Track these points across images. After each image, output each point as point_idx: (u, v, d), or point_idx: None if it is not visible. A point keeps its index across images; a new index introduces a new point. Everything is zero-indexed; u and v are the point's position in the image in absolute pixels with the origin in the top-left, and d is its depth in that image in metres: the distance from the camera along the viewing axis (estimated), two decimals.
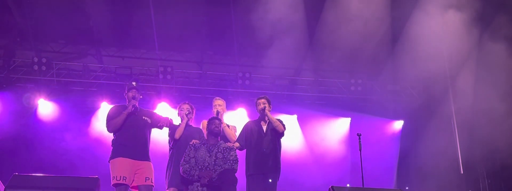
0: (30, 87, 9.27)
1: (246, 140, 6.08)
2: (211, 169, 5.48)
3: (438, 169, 9.19)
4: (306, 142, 9.94)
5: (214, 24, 9.05)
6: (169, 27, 8.88)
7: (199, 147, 5.58)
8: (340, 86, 10.21)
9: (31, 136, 8.90)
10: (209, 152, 5.55)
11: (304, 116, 9.96)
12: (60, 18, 8.68)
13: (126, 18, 8.93)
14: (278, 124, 6.04)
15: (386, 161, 9.95)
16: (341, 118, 10.17)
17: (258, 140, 6.03)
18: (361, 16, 8.30)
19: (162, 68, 9.47)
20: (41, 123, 9.07)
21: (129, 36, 9.35)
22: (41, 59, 9.07)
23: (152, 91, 9.61)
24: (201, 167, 5.47)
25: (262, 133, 6.08)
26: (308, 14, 8.56)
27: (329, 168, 9.74)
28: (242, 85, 9.73)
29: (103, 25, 9.00)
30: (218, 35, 9.36)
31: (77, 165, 8.70)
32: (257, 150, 5.99)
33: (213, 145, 5.59)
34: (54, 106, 9.20)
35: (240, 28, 8.84)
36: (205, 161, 5.50)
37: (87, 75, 9.47)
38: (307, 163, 9.77)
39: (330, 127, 10.10)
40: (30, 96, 9.10)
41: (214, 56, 10.11)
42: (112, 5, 8.59)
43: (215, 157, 5.53)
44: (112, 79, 9.53)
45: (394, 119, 10.28)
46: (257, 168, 5.93)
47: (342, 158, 9.84)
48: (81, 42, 9.54)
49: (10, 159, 8.40)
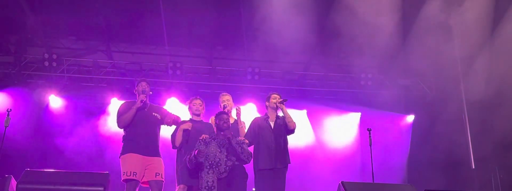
0: (41, 83, 9.34)
1: (254, 136, 6.09)
2: (222, 165, 5.48)
3: (449, 164, 9.12)
4: (316, 137, 9.91)
5: (223, 19, 9.03)
6: (178, 22, 8.88)
7: (210, 142, 5.57)
8: (350, 81, 10.15)
9: (42, 131, 8.97)
10: (220, 148, 5.55)
11: (313, 111, 9.92)
12: (70, 14, 8.73)
13: (135, 14, 8.95)
14: (291, 120, 6.06)
15: (397, 156, 9.88)
16: (351, 113, 10.12)
17: (267, 136, 6.04)
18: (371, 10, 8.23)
19: (171, 63, 9.48)
20: (52, 119, 9.14)
21: (139, 32, 9.37)
22: (52, 55, 9.14)
23: (161, 87, 9.64)
24: (212, 163, 5.47)
25: (270, 129, 6.09)
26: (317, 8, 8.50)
27: (339, 163, 9.71)
28: (251, 80, 9.72)
29: (113, 21, 9.03)
30: (227, 30, 9.35)
31: (88, 160, 8.76)
32: (265, 145, 6.01)
33: (224, 140, 5.59)
34: (65, 102, 9.27)
35: (250, 23, 8.81)
36: (216, 156, 5.50)
37: (97, 71, 9.51)
38: (317, 158, 9.74)
39: (340, 122, 10.05)
40: (41, 92, 9.16)
41: (223, 51, 10.10)
42: (122, 1, 8.61)
43: (226, 152, 5.54)
44: (122, 75, 9.57)
45: (404, 113, 10.21)
46: (266, 164, 5.95)
47: (352, 153, 9.80)
48: (91, 38, 9.59)
49: (22, 154, 8.48)
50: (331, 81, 10.20)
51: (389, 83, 10.08)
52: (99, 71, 9.55)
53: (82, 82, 9.54)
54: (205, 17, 8.88)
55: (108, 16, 8.83)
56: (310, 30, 8.53)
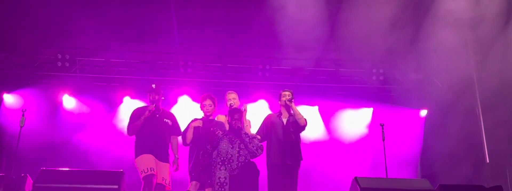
0: (54, 83, 9.43)
1: (266, 132, 6.14)
2: (234, 161, 5.50)
3: (463, 158, 9.04)
4: (328, 133, 9.88)
5: (234, 16, 9.03)
6: (189, 20, 8.90)
7: (221, 139, 5.60)
8: (362, 76, 10.10)
9: (56, 131, 9.06)
10: (231, 144, 5.57)
11: (325, 107, 9.89)
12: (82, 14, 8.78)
13: (146, 12, 8.98)
14: (301, 117, 6.08)
15: (410, 151, 9.82)
16: (363, 108, 10.08)
17: (279, 133, 6.09)
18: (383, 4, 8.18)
19: (182, 62, 9.51)
20: (66, 118, 9.23)
21: (150, 31, 9.40)
22: (65, 55, 9.21)
23: (173, 85, 9.68)
24: (223, 159, 5.49)
25: (283, 126, 6.13)
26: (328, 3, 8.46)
27: (351, 159, 9.68)
28: (262, 77, 9.71)
29: (124, 20, 9.06)
30: (238, 28, 9.35)
31: (102, 159, 8.84)
32: (277, 141, 6.05)
33: (235, 137, 5.61)
34: (78, 101, 9.36)
35: (260, 20, 8.80)
36: (227, 152, 5.53)
37: (109, 71, 9.57)
38: (330, 154, 9.72)
39: (352, 118, 10.01)
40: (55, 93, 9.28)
41: (234, 48, 10.09)
42: (133, 0, 8.65)
43: (238, 148, 5.56)
44: (134, 74, 9.62)
45: (417, 108, 10.13)
46: (278, 159, 5.99)
47: (364, 148, 9.76)
48: (103, 37, 9.63)
49: (37, 154, 8.57)
50: (342, 77, 10.16)
51: (401, 78, 10.01)
52: (111, 70, 9.61)
53: (95, 82, 9.61)
54: (215, 15, 8.90)
55: (119, 15, 8.87)
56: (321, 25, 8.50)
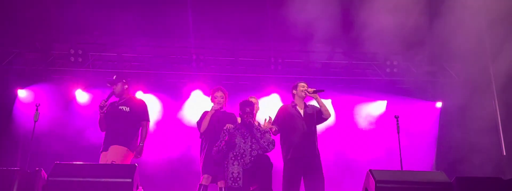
0: (67, 78, 9.49)
1: (283, 124, 6.05)
2: (247, 155, 5.48)
3: (480, 150, 8.93)
4: (342, 127, 9.83)
5: (246, 11, 8.99)
6: (203, 15, 8.88)
7: (235, 136, 5.57)
8: (375, 69, 10.01)
9: (69, 126, 9.13)
10: (244, 138, 5.54)
11: (339, 100, 9.83)
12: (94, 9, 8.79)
13: (158, 7, 8.97)
14: (326, 109, 6.02)
15: (425, 143, 9.74)
16: (377, 101, 10.00)
17: (297, 124, 6.00)
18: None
19: (195, 56, 9.50)
20: (79, 113, 9.29)
21: (162, 25, 9.40)
22: (77, 50, 9.26)
23: (185, 79, 9.69)
24: (236, 154, 5.47)
25: (300, 117, 6.05)
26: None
27: (366, 152, 9.63)
28: (274, 70, 9.67)
29: (136, 14, 9.07)
30: (250, 22, 9.30)
31: None
32: (296, 133, 5.96)
33: (247, 132, 5.58)
34: (91, 96, 9.41)
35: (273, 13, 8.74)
36: (240, 147, 5.50)
37: (121, 65, 9.61)
38: (344, 147, 9.68)
39: (366, 110, 9.95)
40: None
41: (246, 42, 10.06)
42: None
43: (250, 142, 5.53)
44: (146, 69, 9.64)
45: (432, 100, 10.03)
46: (297, 152, 5.90)
47: (379, 141, 9.69)
48: (115, 32, 9.66)
49: (51, 148, 8.66)
50: (355, 69, 10.08)
51: (415, 70, 9.90)
52: (124, 65, 9.64)
53: (107, 76, 9.64)
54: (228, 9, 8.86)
55: (133, 10, 8.87)
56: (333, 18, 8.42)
